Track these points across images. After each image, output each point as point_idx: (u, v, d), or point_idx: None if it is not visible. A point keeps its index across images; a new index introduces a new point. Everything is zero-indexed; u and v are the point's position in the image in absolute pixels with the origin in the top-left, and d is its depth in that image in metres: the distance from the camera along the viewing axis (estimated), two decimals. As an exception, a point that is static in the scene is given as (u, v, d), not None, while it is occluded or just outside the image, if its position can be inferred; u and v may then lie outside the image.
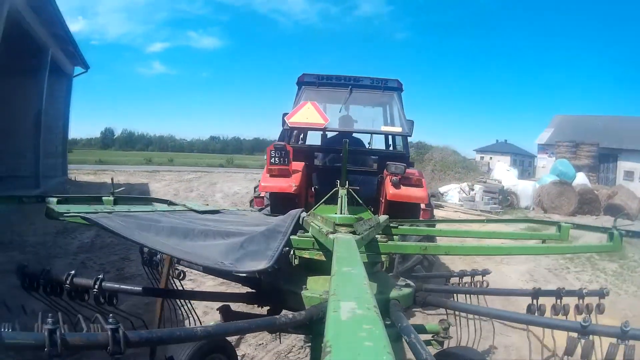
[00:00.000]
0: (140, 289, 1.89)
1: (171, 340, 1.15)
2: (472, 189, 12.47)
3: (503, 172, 14.45)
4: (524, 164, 29.76)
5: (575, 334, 1.21)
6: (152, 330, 1.21)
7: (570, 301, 1.70)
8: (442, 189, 13.30)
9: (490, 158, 28.71)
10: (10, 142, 11.64)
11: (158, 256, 2.10)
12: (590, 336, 1.18)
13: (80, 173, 17.71)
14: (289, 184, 3.34)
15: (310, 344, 2.03)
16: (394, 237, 2.02)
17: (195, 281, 3.95)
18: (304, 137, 4.77)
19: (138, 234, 1.32)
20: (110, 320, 0.83)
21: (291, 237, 1.60)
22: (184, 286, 2.21)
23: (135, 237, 1.29)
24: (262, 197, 3.58)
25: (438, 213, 9.39)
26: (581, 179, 13.44)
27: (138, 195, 2.56)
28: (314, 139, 5.11)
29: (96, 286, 1.51)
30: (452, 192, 12.91)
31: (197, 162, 34.97)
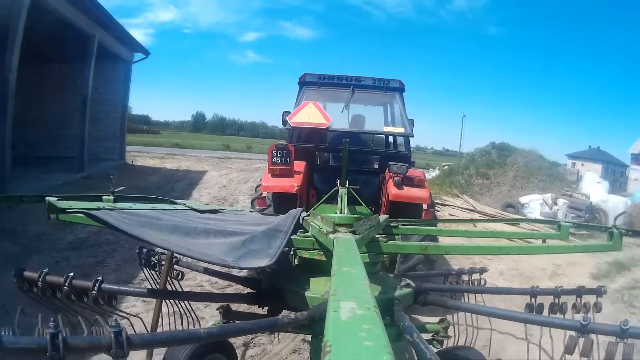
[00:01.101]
0: (140, 290, 1.89)
1: (174, 342, 1.15)
2: (555, 203, 10.24)
3: (593, 184, 11.99)
4: (615, 173, 27.24)
5: (574, 333, 1.21)
6: (155, 333, 1.21)
7: (568, 299, 1.70)
8: (523, 199, 11.08)
9: (582, 165, 26.25)
10: (60, 127, 12.40)
11: (156, 257, 2.10)
12: (590, 334, 1.18)
13: (147, 157, 18.18)
14: (291, 184, 3.34)
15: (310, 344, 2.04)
16: (395, 236, 2.02)
17: (194, 279, 3.96)
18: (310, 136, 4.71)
19: (140, 230, 1.32)
20: (112, 323, 0.83)
21: (291, 236, 1.60)
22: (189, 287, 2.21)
23: (136, 233, 1.29)
24: (264, 197, 3.58)
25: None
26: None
27: (138, 195, 2.55)
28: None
29: (95, 288, 1.51)
30: (534, 203, 10.50)
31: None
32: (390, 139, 4.93)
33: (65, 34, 9.82)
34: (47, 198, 1.51)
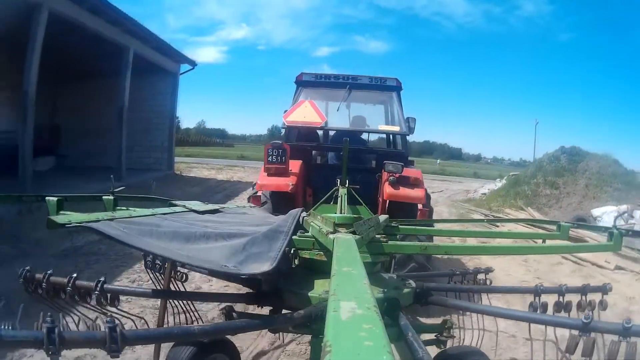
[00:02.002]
0: (142, 290, 1.89)
1: (168, 338, 1.16)
2: (632, 216, 8.29)
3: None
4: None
5: (576, 332, 1.20)
6: (149, 329, 1.22)
7: (573, 297, 1.68)
8: (595, 212, 9.11)
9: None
10: (109, 138, 12.41)
11: (160, 259, 2.11)
12: (592, 333, 1.17)
13: (204, 168, 18.53)
14: (286, 183, 3.34)
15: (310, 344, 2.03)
16: (395, 236, 2.02)
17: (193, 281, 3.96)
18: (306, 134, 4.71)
19: (140, 240, 1.33)
20: (108, 319, 0.85)
21: (292, 237, 1.60)
22: (189, 287, 2.22)
23: (137, 244, 1.30)
24: (259, 196, 3.58)
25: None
26: None
27: (138, 195, 2.56)
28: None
29: (98, 288, 1.52)
30: (608, 216, 8.51)
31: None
32: (390, 138, 4.93)
33: (98, 47, 10.19)
34: (47, 198, 1.51)
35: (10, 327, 0.86)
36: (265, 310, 1.86)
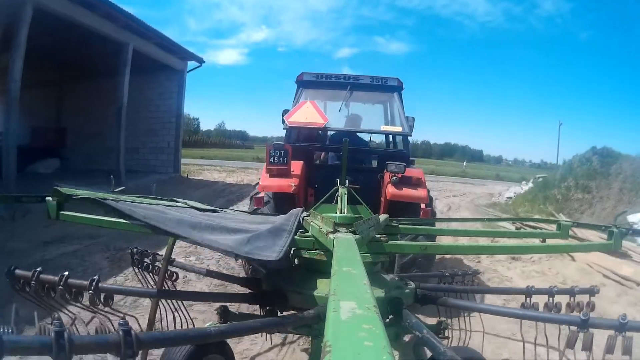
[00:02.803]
0: (137, 290, 1.88)
1: (185, 341, 1.13)
2: None
3: None
4: None
5: (574, 328, 1.24)
6: (164, 332, 1.20)
7: (562, 299, 1.71)
8: (631, 218, 7.85)
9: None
10: (105, 140, 12.28)
11: (149, 258, 2.09)
12: (590, 329, 1.21)
13: (215, 170, 18.08)
14: (288, 184, 3.35)
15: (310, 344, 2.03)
16: (395, 236, 2.02)
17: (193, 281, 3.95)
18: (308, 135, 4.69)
19: (149, 219, 1.32)
20: (121, 321, 0.80)
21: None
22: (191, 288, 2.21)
23: (148, 220, 1.27)
24: (261, 197, 3.59)
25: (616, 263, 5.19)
26: None
27: (138, 195, 2.54)
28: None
29: (92, 287, 1.50)
30: None
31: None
32: (390, 138, 4.94)
33: (96, 45, 9.86)
34: (47, 198, 1.50)
35: (12, 331, 0.81)
36: (263, 310, 1.86)
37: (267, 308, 1.71)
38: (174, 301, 2.00)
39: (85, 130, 13.53)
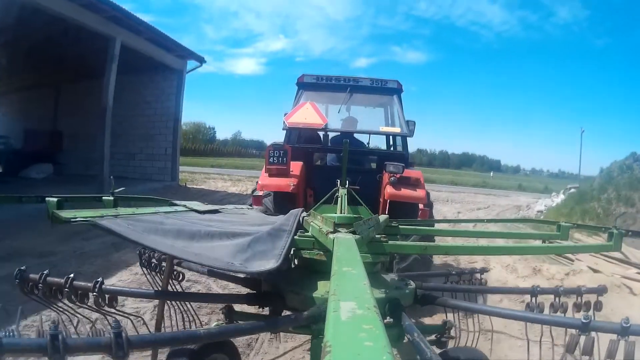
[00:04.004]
0: (141, 291, 1.89)
1: (173, 342, 1.15)
2: None
3: None
4: None
5: (575, 331, 1.20)
6: (154, 334, 1.21)
7: (569, 299, 1.69)
8: None
9: None
10: (93, 143, 11.17)
11: (156, 257, 2.10)
12: (591, 333, 1.17)
13: (220, 179, 17.64)
14: (287, 183, 3.36)
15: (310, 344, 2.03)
16: (395, 236, 2.02)
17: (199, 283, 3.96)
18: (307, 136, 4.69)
19: (145, 237, 1.33)
20: (113, 324, 0.84)
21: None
22: (195, 287, 2.21)
23: (143, 241, 1.30)
24: (260, 197, 3.61)
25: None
26: None
27: (138, 195, 2.54)
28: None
29: (96, 289, 1.52)
30: None
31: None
32: (390, 140, 4.95)
33: (84, 40, 9.01)
34: (47, 199, 1.51)
35: (11, 334, 0.84)
36: (265, 310, 1.87)
37: (267, 308, 1.71)
38: (180, 302, 2.02)
39: (80, 134, 12.70)
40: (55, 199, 1.46)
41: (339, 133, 4.47)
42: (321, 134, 4.33)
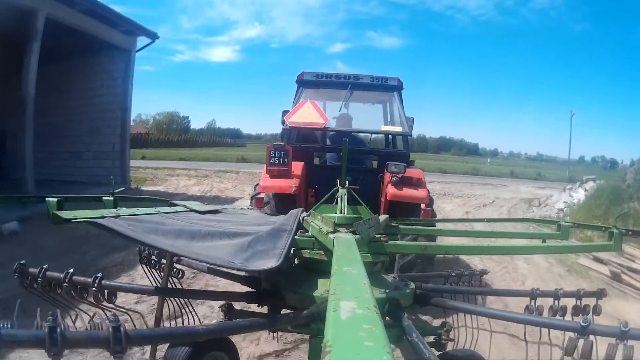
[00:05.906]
0: (140, 287, 1.89)
1: (172, 338, 1.15)
2: None
3: None
4: None
5: (574, 334, 1.20)
6: (153, 329, 1.21)
7: (568, 302, 1.69)
8: None
9: None
10: (52, 145, 9.97)
11: (155, 255, 2.11)
12: (590, 336, 1.17)
13: (185, 175, 15.09)
14: (289, 185, 3.34)
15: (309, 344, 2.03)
16: (395, 236, 2.02)
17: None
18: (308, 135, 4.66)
19: (147, 237, 1.34)
20: (111, 318, 0.83)
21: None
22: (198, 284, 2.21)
23: (144, 240, 1.30)
24: (262, 198, 3.59)
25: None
26: None
27: (137, 195, 2.54)
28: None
29: (95, 284, 1.52)
30: None
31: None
32: (390, 138, 4.93)
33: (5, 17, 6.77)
34: (47, 199, 1.51)
35: (9, 326, 0.84)
36: (264, 309, 1.87)
37: (267, 306, 1.72)
38: (180, 299, 2.02)
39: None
40: (55, 199, 1.46)
41: (339, 132, 4.44)
42: (321, 132, 4.31)
